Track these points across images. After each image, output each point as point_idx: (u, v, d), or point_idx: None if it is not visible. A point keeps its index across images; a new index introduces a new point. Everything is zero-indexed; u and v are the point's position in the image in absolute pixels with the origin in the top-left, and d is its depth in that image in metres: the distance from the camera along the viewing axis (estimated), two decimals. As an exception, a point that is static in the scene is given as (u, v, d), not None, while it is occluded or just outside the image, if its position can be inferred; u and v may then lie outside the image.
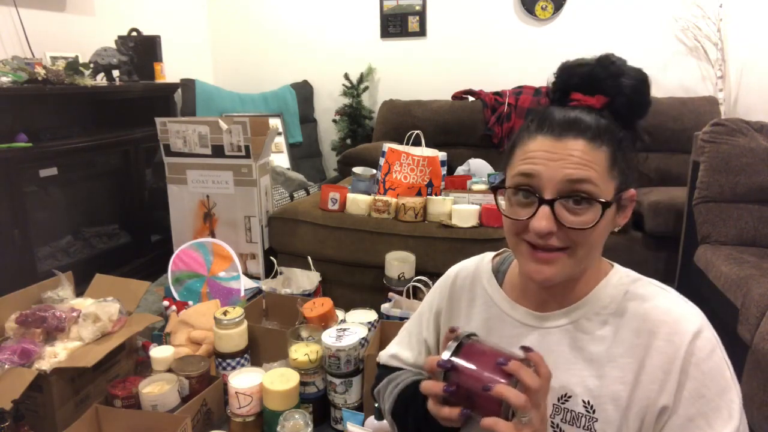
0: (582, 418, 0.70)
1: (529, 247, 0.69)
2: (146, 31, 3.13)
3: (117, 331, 1.34)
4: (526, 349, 0.64)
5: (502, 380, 0.61)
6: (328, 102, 3.89)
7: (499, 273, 0.84)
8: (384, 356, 0.98)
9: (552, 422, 0.72)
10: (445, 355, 0.64)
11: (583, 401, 0.70)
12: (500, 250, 0.90)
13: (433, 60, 3.66)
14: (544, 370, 0.62)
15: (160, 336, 1.65)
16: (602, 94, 0.70)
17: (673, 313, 0.69)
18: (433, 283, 0.98)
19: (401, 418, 0.83)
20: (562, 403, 0.72)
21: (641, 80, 0.71)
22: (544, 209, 0.66)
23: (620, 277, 0.75)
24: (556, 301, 0.75)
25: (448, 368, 0.64)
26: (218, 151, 2.43)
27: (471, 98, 3.41)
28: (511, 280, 0.82)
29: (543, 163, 0.67)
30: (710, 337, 0.68)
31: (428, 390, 0.65)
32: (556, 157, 0.67)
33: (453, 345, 0.65)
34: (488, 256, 0.89)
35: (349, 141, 3.77)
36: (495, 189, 0.74)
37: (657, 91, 3.09)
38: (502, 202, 0.73)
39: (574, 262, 0.69)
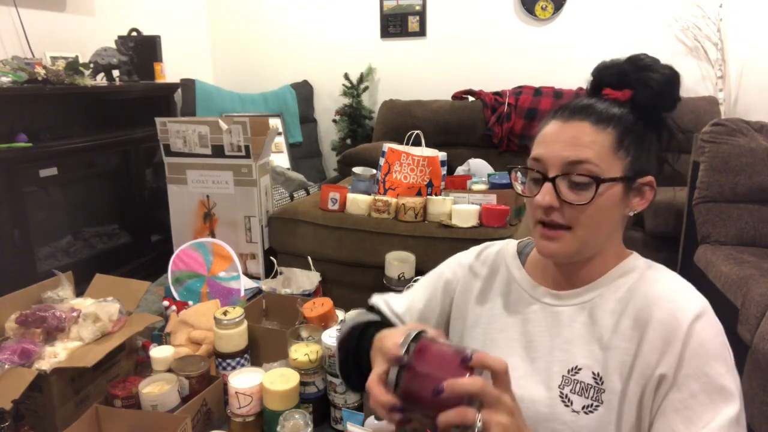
0: (591, 389, 0.73)
1: (540, 226, 0.75)
2: (146, 31, 3.13)
3: (117, 331, 1.34)
4: (468, 358, 0.59)
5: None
6: (328, 102, 3.89)
7: (522, 254, 0.89)
8: (375, 297, 1.02)
9: (561, 392, 0.75)
10: (401, 349, 0.60)
11: (593, 373, 0.74)
12: (525, 237, 0.94)
13: (433, 60, 3.66)
14: (494, 365, 0.58)
15: (160, 336, 1.64)
16: (629, 89, 0.76)
17: (678, 292, 0.73)
18: None
19: (345, 351, 0.87)
20: (572, 375, 0.75)
21: (669, 75, 0.75)
22: (547, 185, 0.73)
23: (636, 263, 0.79)
24: (573, 281, 0.79)
25: (403, 363, 0.59)
26: (218, 151, 2.43)
27: (471, 98, 3.41)
28: (532, 262, 0.86)
29: (547, 147, 0.74)
30: (714, 321, 0.70)
31: (375, 399, 0.61)
32: (560, 139, 0.73)
33: (408, 340, 0.60)
34: (513, 241, 0.94)
35: (349, 141, 3.77)
36: (509, 170, 0.81)
37: (657, 91, 3.10)
38: (518, 185, 0.80)
39: (576, 241, 0.73)
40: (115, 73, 2.90)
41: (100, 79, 2.87)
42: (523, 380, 0.77)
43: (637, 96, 0.75)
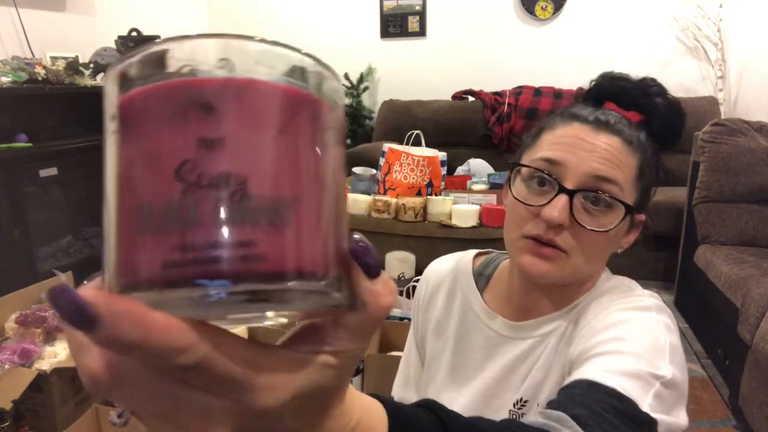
0: None
1: (529, 242, 0.64)
2: (146, 31, 3.13)
3: (117, 331, 1.34)
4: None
5: None
6: (328, 102, 3.89)
7: (481, 277, 0.79)
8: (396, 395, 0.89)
9: None
10: None
11: (537, 405, 0.67)
12: (485, 250, 0.84)
13: (433, 60, 3.66)
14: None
15: (160, 336, 1.65)
16: (637, 111, 0.68)
17: (627, 292, 0.66)
18: None
19: None
20: (518, 409, 0.68)
21: (676, 105, 0.70)
22: (562, 198, 0.61)
23: (599, 281, 0.71)
24: (536, 310, 0.71)
25: None
26: (218, 151, 2.43)
27: (471, 98, 3.42)
28: (494, 287, 0.77)
29: (572, 151, 0.63)
30: (660, 317, 0.61)
31: None
32: (588, 147, 0.62)
33: None
34: (470, 254, 0.82)
35: (349, 141, 3.77)
36: (513, 167, 0.69)
37: (657, 91, 3.11)
38: (515, 188, 0.67)
39: (570, 267, 0.64)
40: (115, 73, 2.90)
41: (100, 79, 2.87)
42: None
43: (649, 124, 0.68)
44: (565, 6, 3.36)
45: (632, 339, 0.56)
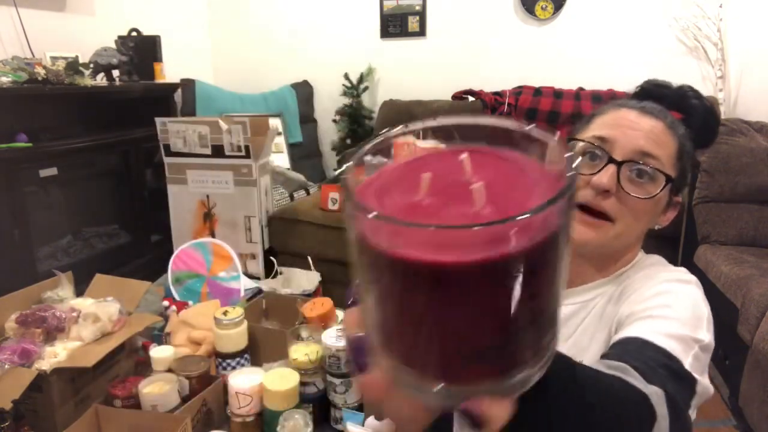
0: None
1: (577, 211, 0.71)
2: (146, 31, 3.13)
3: (117, 331, 1.34)
4: None
5: None
6: (328, 102, 3.89)
7: None
8: None
9: None
10: None
11: None
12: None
13: (433, 60, 3.66)
14: None
15: (160, 336, 1.64)
16: (677, 111, 0.77)
17: (669, 267, 0.74)
18: None
19: None
20: None
21: (712, 108, 0.78)
22: (611, 167, 0.69)
23: (639, 255, 0.78)
24: (578, 279, 0.77)
25: None
26: (218, 151, 2.43)
27: (471, 98, 3.41)
28: None
29: (620, 129, 0.71)
30: (697, 289, 0.69)
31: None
32: (636, 126, 0.71)
33: None
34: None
35: (349, 141, 3.77)
36: (570, 140, 0.76)
37: (657, 91, 3.11)
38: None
39: (614, 234, 0.71)
40: (115, 73, 2.90)
41: (100, 79, 2.87)
42: None
43: (689, 121, 0.76)
44: (565, 6, 3.36)
45: (678, 306, 0.64)
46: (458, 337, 0.24)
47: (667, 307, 0.63)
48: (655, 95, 0.80)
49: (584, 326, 0.73)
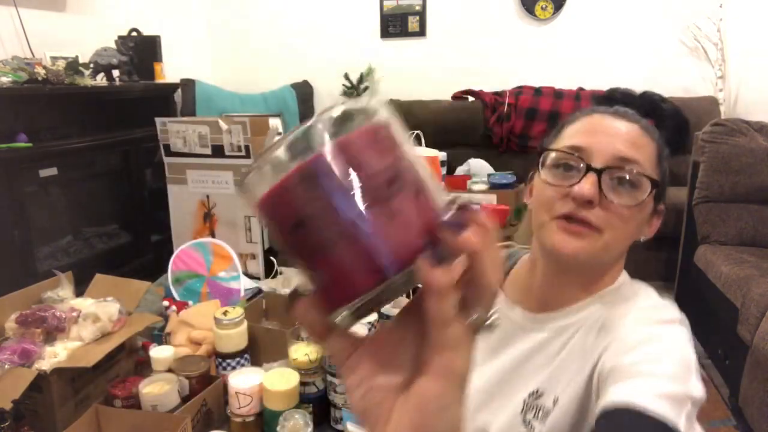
0: (550, 413, 0.69)
1: (560, 220, 0.67)
2: (146, 31, 3.13)
3: (117, 331, 1.34)
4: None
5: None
6: (328, 102, 3.89)
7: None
8: None
9: (524, 418, 0.70)
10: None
11: (554, 398, 0.68)
12: (506, 243, 0.87)
13: (433, 60, 3.66)
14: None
15: (160, 336, 1.64)
16: (647, 117, 0.73)
17: (654, 303, 0.69)
18: None
19: None
20: (534, 400, 0.70)
21: (679, 110, 0.77)
22: (591, 176, 0.65)
23: (623, 280, 0.74)
24: (556, 302, 0.73)
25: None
26: (218, 151, 2.43)
27: (471, 98, 3.41)
28: (514, 279, 0.79)
29: (595, 136, 0.68)
30: (683, 333, 0.64)
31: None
32: (611, 131, 0.67)
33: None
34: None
35: (349, 141, 3.77)
36: (540, 152, 0.71)
37: (657, 91, 3.10)
38: (544, 172, 0.70)
39: (602, 245, 0.66)
40: (115, 73, 2.90)
41: (100, 79, 2.87)
42: (485, 403, 0.74)
43: (659, 126, 0.73)
44: (565, 6, 3.36)
45: (667, 359, 0.60)
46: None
47: (656, 362, 0.59)
48: (622, 102, 0.75)
49: (563, 358, 0.69)
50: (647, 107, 0.74)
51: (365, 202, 0.29)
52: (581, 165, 0.66)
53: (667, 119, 0.75)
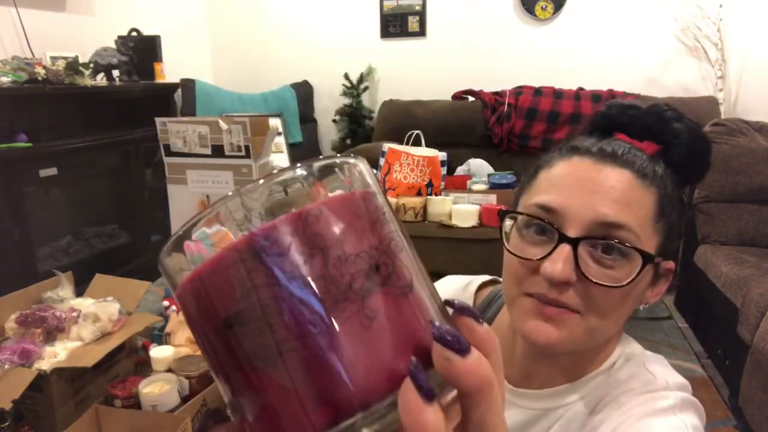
0: None
1: (532, 301, 0.54)
2: (146, 31, 3.13)
3: (117, 331, 1.34)
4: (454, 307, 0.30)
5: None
6: (328, 102, 3.89)
7: (486, 313, 0.68)
8: None
9: None
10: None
11: None
12: (492, 278, 0.72)
13: (433, 60, 3.66)
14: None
15: (160, 336, 1.64)
16: (653, 141, 0.57)
17: (649, 386, 0.56)
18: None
19: None
20: None
21: (698, 128, 0.59)
22: (564, 249, 0.51)
23: (621, 352, 0.61)
24: (540, 380, 0.61)
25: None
26: (218, 151, 2.43)
27: (471, 98, 3.41)
28: (496, 332, 0.68)
29: (571, 194, 0.53)
30: (686, 417, 0.53)
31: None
32: (591, 187, 0.52)
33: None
34: (475, 283, 0.70)
35: (349, 141, 3.77)
36: (503, 215, 0.58)
37: (657, 91, 3.11)
38: (507, 232, 0.57)
39: (586, 330, 0.53)
40: (115, 73, 2.90)
41: (100, 79, 2.87)
42: None
43: (669, 153, 0.57)
44: (565, 6, 3.36)
45: None
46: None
47: None
48: (622, 122, 0.59)
49: (542, 429, 0.59)
50: (653, 126, 0.58)
51: (331, 299, 0.20)
52: (554, 233, 0.52)
53: (679, 143, 0.56)
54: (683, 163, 0.57)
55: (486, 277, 0.73)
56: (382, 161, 2.49)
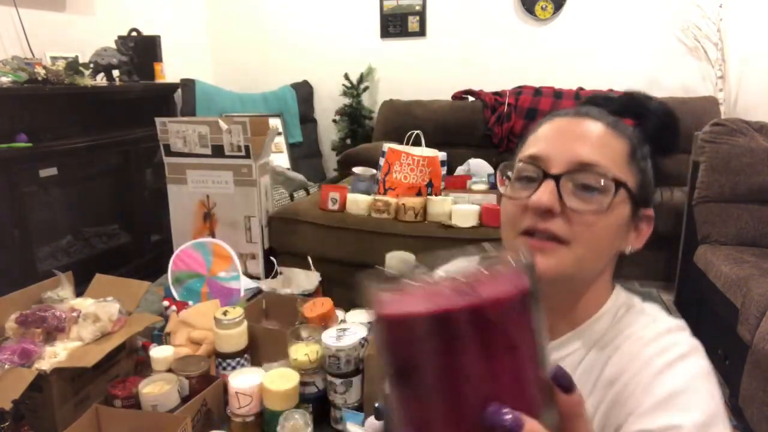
0: None
1: (525, 237, 0.61)
2: (146, 31, 3.13)
3: (117, 331, 1.34)
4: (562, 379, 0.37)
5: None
6: (328, 102, 3.89)
7: None
8: None
9: None
10: None
11: None
12: (486, 254, 0.80)
13: (433, 60, 3.66)
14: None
15: (160, 336, 1.64)
16: (628, 117, 0.68)
17: (661, 335, 0.61)
18: None
19: None
20: None
21: (667, 106, 0.69)
22: (548, 184, 0.59)
23: (617, 300, 0.67)
24: (548, 330, 0.66)
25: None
26: (218, 151, 2.43)
27: (471, 98, 3.42)
28: None
29: (553, 142, 0.62)
30: (697, 364, 0.59)
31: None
32: (569, 135, 0.62)
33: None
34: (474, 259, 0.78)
35: (349, 141, 3.77)
36: (496, 169, 0.68)
37: (657, 91, 3.11)
38: (503, 188, 0.66)
39: (574, 259, 0.60)
40: (115, 73, 2.90)
41: (100, 79, 2.87)
42: None
43: (643, 126, 0.67)
44: (565, 6, 3.36)
45: (689, 416, 0.54)
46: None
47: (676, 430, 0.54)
48: (601, 103, 0.69)
49: None
50: (629, 106, 0.69)
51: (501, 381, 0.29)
52: (539, 174, 0.61)
53: (652, 117, 0.67)
54: (656, 133, 0.67)
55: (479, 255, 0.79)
56: (382, 161, 2.49)
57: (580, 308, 0.66)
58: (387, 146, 2.50)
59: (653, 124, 0.67)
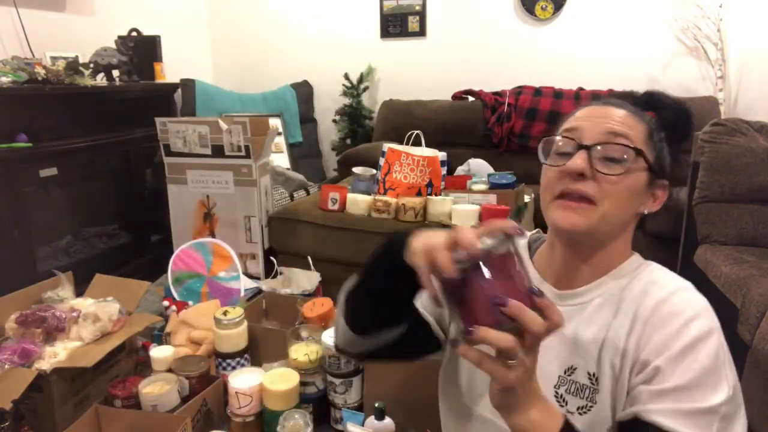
0: (586, 389, 0.73)
1: (559, 199, 0.74)
2: (146, 31, 3.13)
3: (117, 331, 1.34)
4: (538, 293, 0.56)
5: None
6: (328, 102, 3.89)
7: (531, 247, 0.87)
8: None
9: (556, 392, 0.75)
10: (482, 244, 0.57)
11: (588, 373, 0.73)
12: (534, 231, 0.94)
13: (433, 60, 3.66)
14: (556, 318, 0.56)
15: (160, 336, 1.64)
16: (646, 109, 0.80)
17: (677, 292, 0.72)
18: None
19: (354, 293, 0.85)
20: (568, 375, 0.75)
21: (681, 101, 0.82)
22: (582, 152, 0.72)
23: (638, 261, 0.79)
24: (575, 280, 0.78)
25: (477, 262, 0.56)
26: (218, 151, 2.43)
27: (471, 98, 3.41)
28: (540, 257, 0.85)
29: (586, 120, 0.75)
30: (710, 322, 0.69)
31: (442, 261, 0.56)
32: (600, 115, 0.75)
33: (493, 243, 0.57)
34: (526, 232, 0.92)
35: (349, 141, 3.77)
36: (539, 142, 0.79)
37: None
38: (543, 157, 0.78)
39: (598, 215, 0.72)
40: (115, 73, 2.90)
41: (100, 79, 2.87)
42: None
43: (661, 116, 0.80)
44: (565, 6, 3.36)
45: (698, 370, 0.66)
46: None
47: (686, 390, 0.66)
48: (620, 97, 0.83)
49: (581, 320, 0.76)
50: (646, 100, 0.82)
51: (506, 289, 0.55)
52: (573, 144, 0.74)
53: (666, 108, 0.81)
54: (672, 122, 0.80)
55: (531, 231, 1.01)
56: (381, 161, 2.49)
57: (603, 260, 0.77)
58: (387, 146, 2.50)
59: (669, 115, 0.80)
